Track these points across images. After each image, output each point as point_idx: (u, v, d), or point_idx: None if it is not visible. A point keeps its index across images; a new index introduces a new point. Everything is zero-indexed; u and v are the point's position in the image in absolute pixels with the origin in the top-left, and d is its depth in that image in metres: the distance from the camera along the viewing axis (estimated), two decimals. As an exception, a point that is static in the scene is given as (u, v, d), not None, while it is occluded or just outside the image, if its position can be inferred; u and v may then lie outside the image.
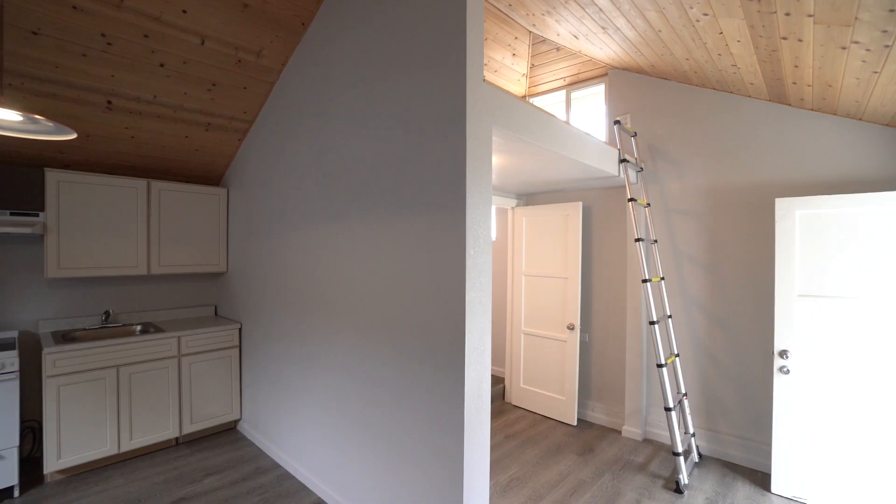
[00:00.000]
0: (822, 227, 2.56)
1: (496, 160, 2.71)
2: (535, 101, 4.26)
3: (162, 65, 2.64)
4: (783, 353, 2.67)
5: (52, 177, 2.84)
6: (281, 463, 2.97)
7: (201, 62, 2.71)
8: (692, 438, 3.09)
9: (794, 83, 2.45)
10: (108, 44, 2.42)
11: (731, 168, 3.12)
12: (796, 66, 2.22)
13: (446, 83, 1.88)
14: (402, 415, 2.09)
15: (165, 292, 3.64)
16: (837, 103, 2.50)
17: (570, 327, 3.70)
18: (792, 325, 2.65)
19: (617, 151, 3.12)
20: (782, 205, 2.65)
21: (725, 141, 3.14)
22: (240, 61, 2.81)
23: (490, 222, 1.94)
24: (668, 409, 2.80)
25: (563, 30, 3.16)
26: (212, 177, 3.78)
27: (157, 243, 3.30)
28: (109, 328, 3.23)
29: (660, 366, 2.83)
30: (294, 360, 2.85)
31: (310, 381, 2.71)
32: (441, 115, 1.90)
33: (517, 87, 4.10)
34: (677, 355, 3.16)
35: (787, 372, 2.65)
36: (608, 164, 2.99)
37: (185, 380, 3.17)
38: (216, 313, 3.91)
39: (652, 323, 2.86)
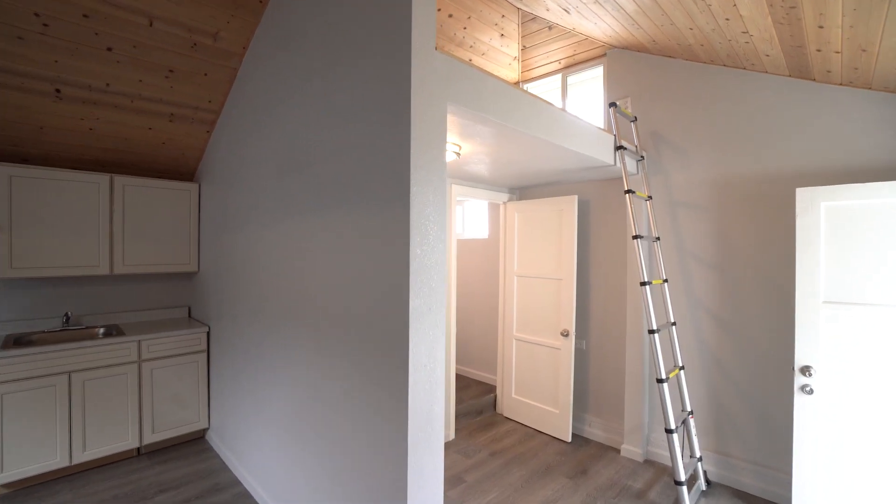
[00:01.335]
0: (853, 221, 2.17)
1: (468, 148, 2.42)
2: (530, 86, 3.93)
3: (110, 49, 2.45)
4: (806, 370, 2.28)
5: (4, 171, 2.69)
6: (241, 480, 2.74)
7: (152, 46, 2.51)
8: (699, 463, 2.73)
9: (819, 50, 2.07)
10: (45, 24, 2.23)
11: (744, 155, 2.74)
12: (821, 28, 1.85)
13: (390, 53, 1.61)
14: (349, 442, 1.82)
15: (134, 293, 3.47)
16: (873, 74, 2.11)
17: (565, 334, 3.36)
18: (816, 338, 2.26)
19: (612, 138, 2.78)
20: (804, 196, 2.27)
21: (738, 125, 2.76)
22: (195, 44, 2.60)
23: (444, 216, 1.65)
24: (669, 431, 2.44)
25: (551, 2, 2.83)
26: (184, 172, 3.60)
27: (121, 242, 3.13)
28: (70, 331, 3.07)
29: (660, 381, 2.49)
30: (253, 367, 2.62)
31: (266, 392, 2.47)
32: (386, 92, 1.62)
33: (509, 71, 3.79)
34: (682, 368, 2.79)
35: (811, 392, 2.27)
36: (601, 152, 2.65)
37: (145, 386, 2.98)
38: (190, 315, 3.73)
39: (652, 332, 2.52)
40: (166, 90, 2.80)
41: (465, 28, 3.24)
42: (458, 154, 2.45)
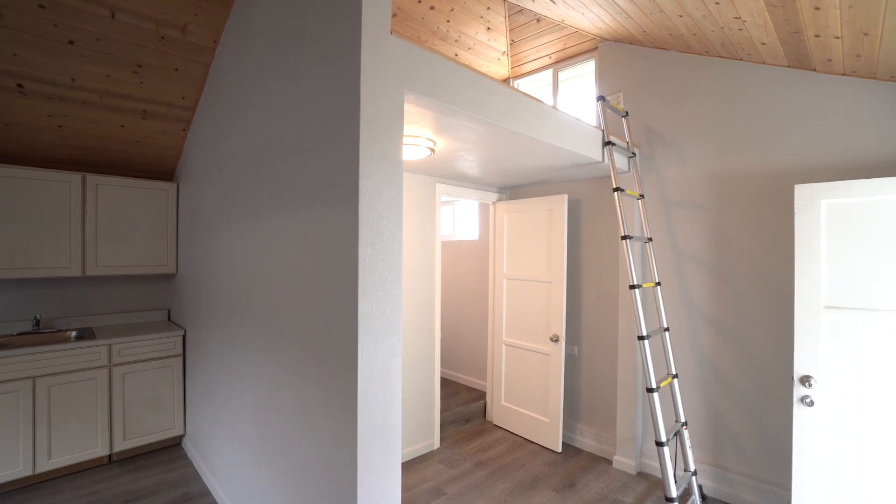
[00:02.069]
0: (856, 220, 2.00)
1: (444, 143, 2.29)
2: (520, 82, 3.80)
3: (72, 42, 2.35)
4: (805, 380, 2.11)
5: (-31, 170, 2.61)
6: (211, 490, 2.63)
7: (117, 39, 2.41)
8: (693, 477, 2.56)
9: (817, 36, 1.91)
10: None
11: (742, 151, 2.58)
12: (817, 9, 1.70)
13: (340, 37, 1.49)
14: (303, 458, 1.70)
15: (112, 295, 3.39)
16: (877, 61, 1.94)
17: (554, 339, 3.21)
18: (816, 346, 2.10)
19: (600, 133, 2.64)
20: (803, 193, 2.11)
21: (735, 119, 2.60)
22: (163, 38, 2.50)
23: (401, 212, 1.52)
24: (659, 444, 2.29)
25: (536, -8, 2.70)
26: (163, 171, 3.51)
27: (94, 243, 3.04)
28: (39, 334, 2.98)
29: (650, 390, 2.33)
30: (221, 373, 2.51)
31: (231, 399, 2.36)
32: (336, 79, 1.50)
33: (498, 67, 3.65)
34: (675, 376, 2.63)
35: (811, 404, 2.10)
36: (587, 147, 2.51)
37: (116, 392, 2.89)
38: (169, 318, 3.64)
39: (641, 338, 2.36)
40: (136, 86, 2.71)
41: (448, 21, 3.12)
42: (433, 150, 2.32)
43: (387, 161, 1.47)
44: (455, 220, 4.63)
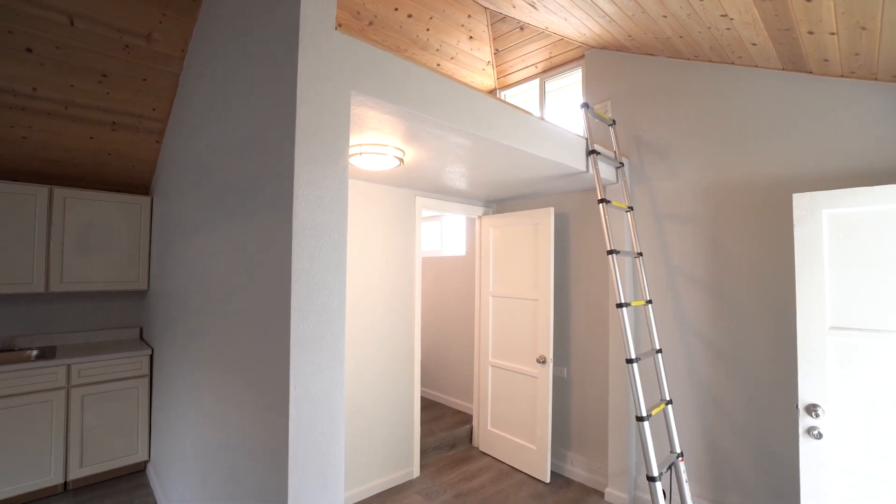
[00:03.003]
0: (862, 231, 1.82)
1: (415, 153, 2.15)
2: (507, 93, 3.69)
3: (29, 50, 2.27)
4: (812, 410, 1.90)
5: (-74, 182, 2.52)
6: (166, 525, 2.44)
7: (78, 47, 2.33)
8: (691, 516, 2.32)
9: (811, 32, 1.77)
10: (-48, 23, 2.07)
11: (736, 160, 2.42)
12: (809, 0, 1.56)
13: (279, 32, 1.37)
14: (243, 501, 1.52)
15: (81, 313, 3.25)
16: (878, 59, 1.79)
17: (541, 360, 3.01)
18: (823, 370, 1.89)
19: (584, 141, 2.49)
20: (802, 202, 1.93)
21: (729, 127, 2.45)
22: (127, 46, 2.42)
23: (346, 224, 1.37)
24: (651, 479, 2.07)
25: (515, -3, 2.60)
26: (138, 184, 3.42)
27: (60, 258, 2.92)
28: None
29: (640, 419, 2.12)
30: (180, 396, 2.34)
31: (187, 427, 2.18)
32: (274, 77, 1.38)
33: (483, 77, 3.55)
34: (669, 402, 2.41)
35: (819, 436, 1.88)
36: (569, 157, 2.36)
37: (74, 415, 2.72)
38: (141, 337, 3.49)
39: (630, 361, 2.17)
40: (102, 96, 2.62)
41: (428, 30, 3.02)
42: (402, 160, 2.18)
43: (330, 168, 1.33)
44: (442, 235, 4.48)
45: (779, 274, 2.25)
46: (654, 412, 2.21)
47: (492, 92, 3.71)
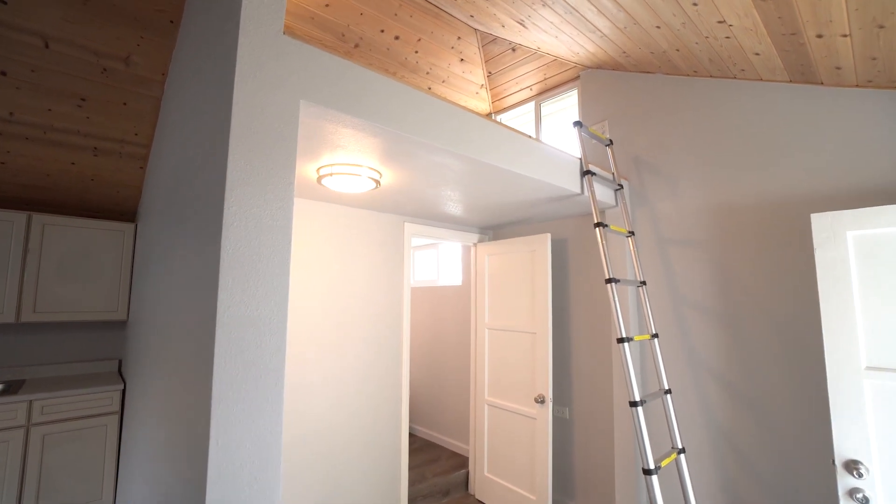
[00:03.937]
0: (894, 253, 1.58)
1: (394, 175, 2.00)
2: (503, 117, 3.58)
3: (4, 73, 2.24)
4: (853, 467, 1.60)
5: None
6: (115, 586, 2.18)
7: (54, 70, 2.29)
8: (714, 591, 1.98)
9: (820, 36, 1.60)
10: (-77, 46, 2.04)
11: (742, 180, 2.21)
12: None
13: (222, 35, 1.25)
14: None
15: (55, 344, 3.11)
16: (897, 64, 1.60)
17: (540, 400, 2.74)
18: (862, 419, 1.61)
19: (578, 161, 2.32)
20: (822, 223, 1.71)
21: (733, 145, 2.26)
22: (105, 70, 2.37)
23: (288, 254, 1.19)
24: (663, 547, 1.76)
25: (505, 17, 2.51)
26: (123, 211, 3.34)
27: (34, 287, 2.81)
28: (-39, 388, 2.69)
29: (647, 472, 1.84)
30: (145, 438, 2.14)
31: (148, 473, 1.97)
32: (215, 84, 1.25)
33: (477, 101, 3.46)
34: (682, 451, 2.12)
35: (865, 501, 1.57)
36: (560, 177, 2.19)
37: (33, 456, 2.53)
38: (119, 370, 3.32)
39: (634, 404, 1.91)
40: (82, 121, 2.57)
41: (417, 52, 2.95)
42: (378, 182, 2.03)
43: (271, 187, 1.17)
44: (439, 264, 4.29)
45: (797, 303, 2.00)
46: (663, 463, 1.93)
47: (487, 116, 3.60)
